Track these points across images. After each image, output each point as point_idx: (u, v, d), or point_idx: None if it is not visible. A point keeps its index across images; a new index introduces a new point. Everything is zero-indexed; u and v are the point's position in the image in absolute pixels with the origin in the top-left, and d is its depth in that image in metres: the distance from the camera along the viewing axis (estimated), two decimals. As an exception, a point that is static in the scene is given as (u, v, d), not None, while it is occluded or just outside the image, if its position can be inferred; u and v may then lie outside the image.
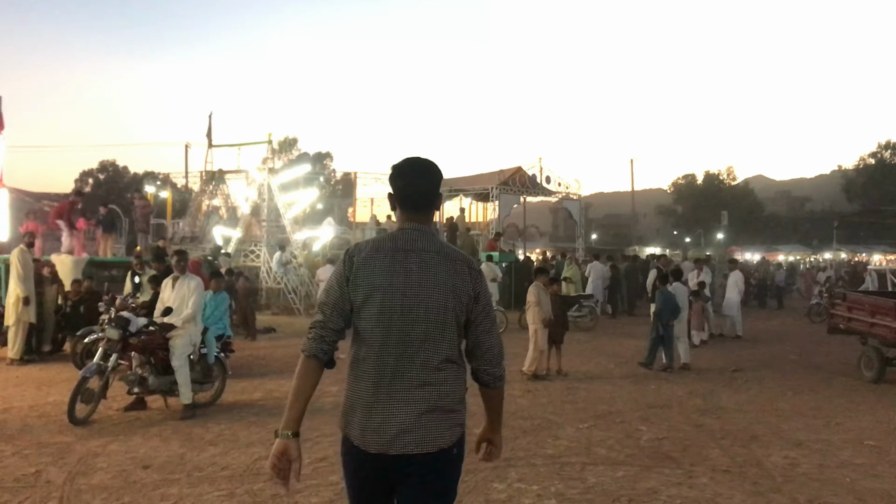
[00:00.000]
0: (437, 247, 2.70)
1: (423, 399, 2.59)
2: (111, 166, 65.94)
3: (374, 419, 2.59)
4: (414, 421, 2.57)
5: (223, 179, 24.32)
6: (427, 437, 2.58)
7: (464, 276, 2.68)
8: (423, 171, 2.76)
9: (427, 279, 2.62)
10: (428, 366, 2.61)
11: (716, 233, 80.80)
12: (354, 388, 2.67)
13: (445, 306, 2.62)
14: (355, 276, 2.63)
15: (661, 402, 9.22)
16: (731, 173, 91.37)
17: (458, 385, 2.70)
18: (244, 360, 12.28)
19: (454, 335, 2.67)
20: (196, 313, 8.08)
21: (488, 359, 2.77)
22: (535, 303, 10.60)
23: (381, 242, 2.71)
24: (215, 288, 9.33)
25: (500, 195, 24.28)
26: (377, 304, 2.60)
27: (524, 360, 12.16)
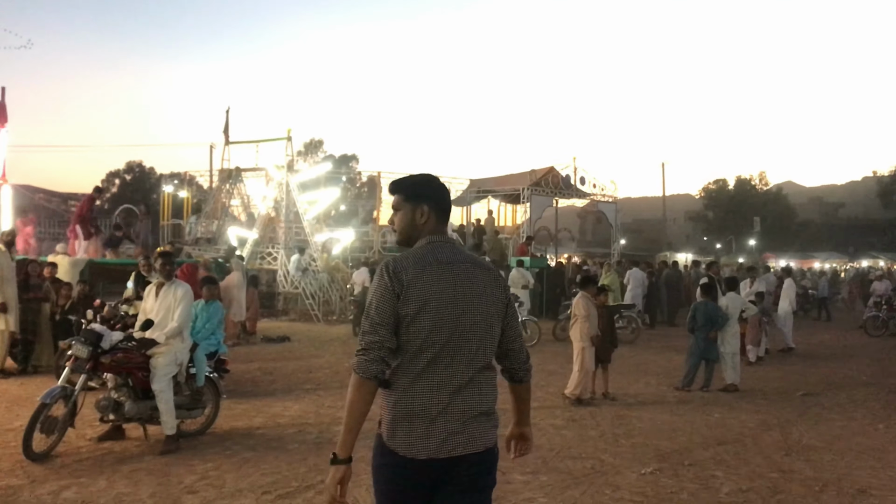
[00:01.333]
0: (469, 257, 2.88)
1: (473, 404, 2.70)
2: (137, 167, 65.65)
3: (423, 427, 2.65)
4: (463, 424, 2.67)
5: (241, 178, 23.16)
6: (474, 436, 2.69)
7: (499, 284, 2.87)
8: (445, 186, 3.02)
9: (472, 289, 2.75)
10: (476, 372, 2.73)
11: (747, 239, 79.09)
12: (403, 399, 2.69)
13: (488, 314, 2.77)
14: (406, 292, 2.67)
15: (731, 437, 7.79)
16: (763, 178, 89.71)
17: (496, 388, 2.83)
18: (249, 375, 11.02)
19: (494, 341, 2.82)
20: (183, 327, 6.81)
21: (522, 357, 2.96)
22: (585, 317, 9.20)
23: (422, 256, 2.77)
24: (207, 297, 8.03)
25: (531, 196, 22.87)
26: (431, 317, 2.67)
27: (560, 378, 10.81)
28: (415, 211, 2.86)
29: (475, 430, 2.70)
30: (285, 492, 5.63)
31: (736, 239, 77.81)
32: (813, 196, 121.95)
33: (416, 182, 2.93)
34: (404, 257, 2.77)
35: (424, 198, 2.86)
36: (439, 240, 2.83)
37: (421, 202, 2.86)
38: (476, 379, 2.73)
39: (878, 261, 57.46)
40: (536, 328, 15.25)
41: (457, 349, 2.70)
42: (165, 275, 6.90)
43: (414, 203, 2.87)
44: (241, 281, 14.23)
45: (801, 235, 79.48)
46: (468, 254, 2.90)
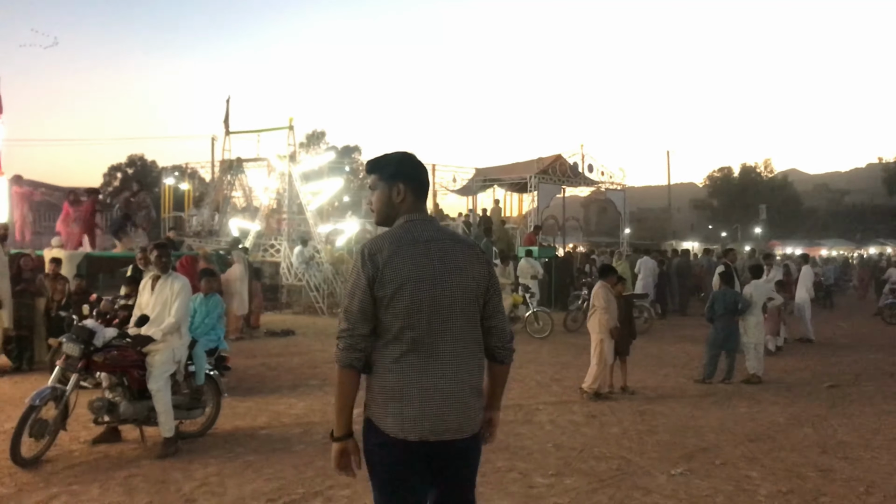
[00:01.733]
0: (449, 234, 2.85)
1: (460, 384, 2.67)
2: (139, 160, 65.20)
3: (414, 408, 2.62)
4: (454, 406, 2.65)
5: (242, 168, 22.70)
6: (466, 422, 2.68)
7: (480, 260, 2.82)
8: (419, 161, 2.91)
9: (451, 266, 2.71)
10: (460, 350, 2.69)
11: (753, 227, 78.61)
12: (390, 380, 2.66)
13: (469, 290, 2.73)
14: (382, 274, 2.63)
15: (761, 433, 7.37)
16: (768, 166, 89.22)
17: (482, 368, 2.81)
18: (252, 370, 10.62)
19: (478, 318, 2.78)
20: (180, 322, 6.39)
21: (503, 335, 2.88)
22: (604, 308, 8.75)
23: (399, 236, 2.72)
24: (206, 290, 7.59)
25: (538, 185, 22.39)
26: (407, 297, 2.63)
27: (575, 371, 10.41)
28: (391, 189, 2.81)
29: (466, 414, 2.69)
30: (291, 499, 5.24)
31: (742, 227, 77.45)
32: (818, 183, 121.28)
33: (392, 160, 2.87)
34: (380, 237, 2.74)
35: (400, 175, 2.82)
36: (418, 217, 2.79)
37: (396, 180, 2.81)
38: (463, 356, 2.71)
39: (886, 247, 56.97)
40: (549, 319, 14.83)
41: (439, 327, 2.67)
42: (161, 267, 6.48)
43: (390, 182, 2.82)
44: (243, 274, 13.83)
45: (807, 223, 79.07)
46: (448, 231, 2.88)
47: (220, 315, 7.40)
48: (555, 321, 15.00)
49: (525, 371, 10.74)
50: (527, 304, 15.12)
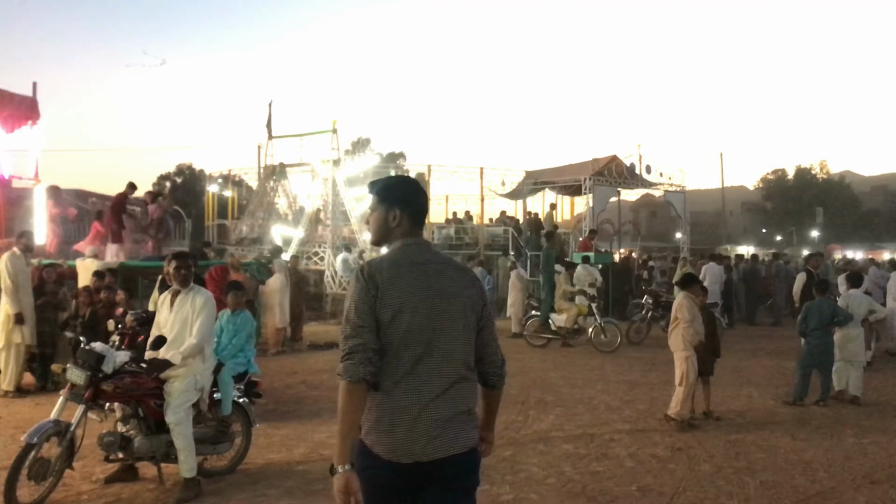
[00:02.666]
0: (444, 258, 2.91)
1: (452, 405, 2.68)
2: (188, 169, 65.48)
3: (406, 431, 2.62)
4: (443, 426, 2.64)
5: (285, 174, 22.05)
6: (457, 437, 2.67)
7: (474, 285, 2.87)
8: (419, 186, 3.01)
9: (447, 290, 2.75)
10: (455, 373, 2.71)
11: (809, 230, 76.21)
12: (384, 403, 2.66)
13: (466, 315, 2.77)
14: (382, 295, 2.66)
15: (883, 472, 6.23)
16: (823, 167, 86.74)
17: (475, 390, 2.83)
18: (291, 390, 9.77)
19: (472, 341, 2.80)
20: (203, 343, 5.54)
21: (497, 362, 2.91)
22: (689, 321, 7.67)
23: (396, 259, 2.77)
24: (234, 305, 6.73)
25: (594, 187, 21.27)
26: (406, 320, 2.66)
27: (645, 391, 9.34)
28: (387, 213, 2.85)
29: (457, 431, 2.68)
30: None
31: (797, 230, 75.14)
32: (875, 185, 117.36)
33: (389, 185, 2.94)
34: (379, 260, 2.78)
35: (396, 201, 2.85)
36: (413, 241, 2.83)
37: (393, 205, 2.84)
38: (457, 380, 2.72)
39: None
40: (617, 332, 13.75)
41: (435, 350, 2.68)
42: (181, 280, 5.62)
43: (386, 206, 2.85)
44: (283, 284, 13.04)
45: (867, 226, 76.57)
46: (443, 255, 2.95)
47: (251, 334, 6.51)
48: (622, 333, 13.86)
49: (590, 392, 9.71)
50: (593, 315, 14.00)
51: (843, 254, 49.71)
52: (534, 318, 14.27)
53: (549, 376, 10.94)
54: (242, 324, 6.43)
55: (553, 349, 13.95)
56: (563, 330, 13.72)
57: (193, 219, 33.58)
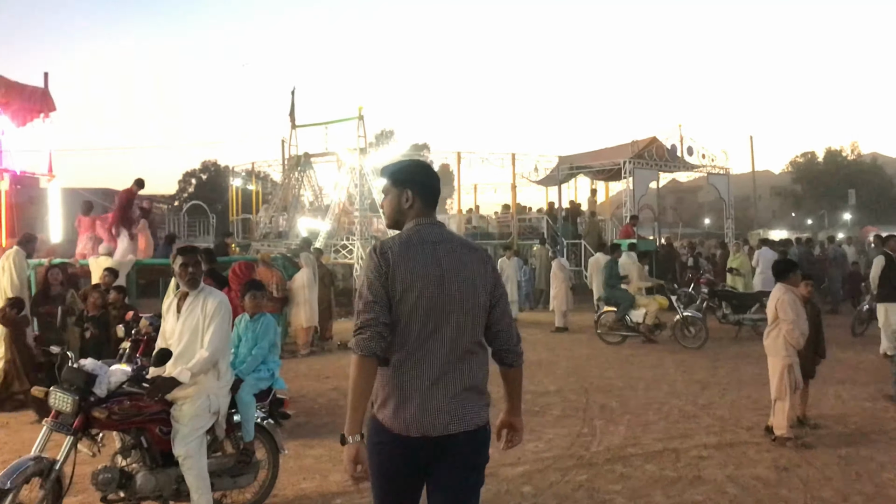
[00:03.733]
0: (456, 238, 2.96)
1: (460, 380, 2.73)
2: (213, 166, 65.01)
3: (416, 405, 2.68)
4: (453, 402, 2.70)
5: (310, 164, 21.10)
6: (466, 416, 2.72)
7: (486, 264, 2.90)
8: (431, 168, 3.12)
9: (458, 269, 2.79)
10: (464, 350, 2.76)
11: (842, 213, 74.51)
12: (394, 377, 2.72)
13: (476, 292, 2.80)
14: (393, 272, 2.71)
15: None
16: (854, 149, 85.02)
17: (485, 367, 2.84)
18: (323, 397, 8.79)
19: (482, 319, 2.83)
20: (217, 356, 4.54)
21: (510, 339, 2.91)
22: (793, 321, 6.44)
23: (407, 238, 2.82)
24: (253, 309, 5.63)
25: (634, 170, 20.08)
26: (415, 296, 2.70)
27: (716, 391, 8.23)
28: (400, 196, 2.90)
29: (467, 408, 2.73)
30: None
31: (828, 213, 73.54)
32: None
33: (402, 168, 3.00)
34: (391, 239, 2.84)
35: (409, 183, 2.90)
36: (426, 222, 2.88)
37: (405, 187, 2.90)
38: (465, 357, 2.76)
39: None
40: (703, 326, 12.40)
41: (444, 327, 2.73)
42: (189, 280, 4.62)
43: (399, 188, 2.91)
44: (311, 279, 12.05)
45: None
46: (456, 235, 3.01)
47: (274, 343, 5.47)
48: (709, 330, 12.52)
49: (657, 395, 8.63)
50: (675, 308, 12.72)
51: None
52: (606, 313, 13.07)
53: (606, 376, 9.88)
54: (264, 330, 5.39)
55: (598, 343, 12.88)
56: (644, 326, 12.54)
57: (218, 214, 32.99)
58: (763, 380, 9.41)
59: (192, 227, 31.17)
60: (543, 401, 8.36)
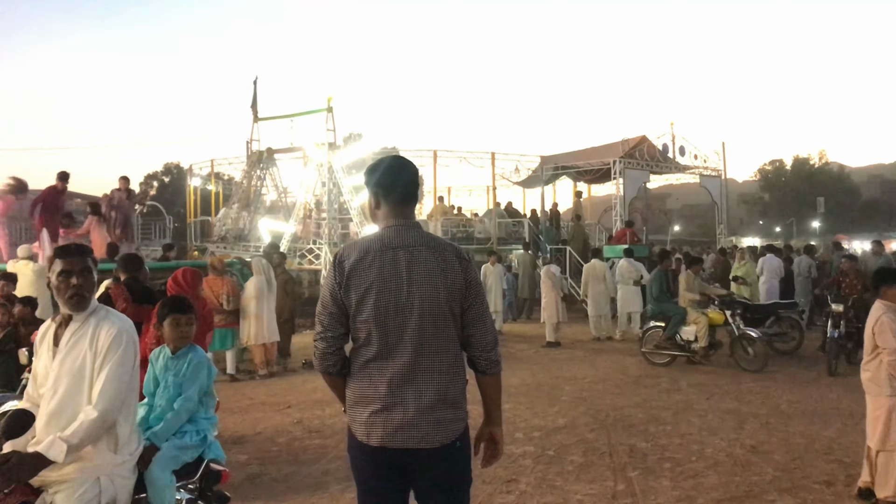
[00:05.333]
0: (424, 240, 2.75)
1: (425, 393, 2.63)
2: (175, 168, 63.04)
3: (376, 414, 2.63)
4: (415, 416, 2.61)
5: (273, 161, 19.36)
6: (430, 432, 2.61)
7: (454, 265, 2.72)
8: (403, 165, 2.85)
9: (418, 273, 2.66)
10: (427, 359, 2.65)
11: (810, 221, 74.80)
12: (357, 387, 2.70)
13: (438, 297, 2.66)
14: (347, 281, 2.66)
15: None
16: (823, 157, 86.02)
17: (457, 378, 2.72)
18: (285, 436, 7.13)
19: (450, 326, 2.71)
20: (114, 414, 2.93)
21: (483, 345, 2.77)
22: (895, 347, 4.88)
23: (369, 243, 2.72)
24: (177, 339, 3.78)
25: (624, 171, 18.67)
26: (371, 304, 2.63)
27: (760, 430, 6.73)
28: (370, 197, 2.83)
29: (432, 425, 2.62)
30: None
31: (797, 221, 73.84)
32: (873, 174, 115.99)
33: (370, 169, 2.86)
34: (351, 244, 2.79)
35: (374, 184, 2.80)
36: (395, 224, 2.74)
37: (371, 188, 2.81)
38: (432, 366, 2.66)
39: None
40: (764, 346, 10.62)
41: (405, 334, 2.64)
42: (72, 299, 3.00)
43: (370, 190, 2.82)
44: (263, 289, 10.31)
45: (871, 216, 75.55)
46: (427, 236, 2.79)
47: (206, 389, 3.77)
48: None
49: (688, 430, 7.12)
50: (732, 325, 10.88)
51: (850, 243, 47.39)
52: (654, 329, 11.33)
53: (620, 405, 8.36)
54: (192, 372, 3.64)
55: (599, 362, 11.41)
56: (696, 345, 10.84)
57: (175, 216, 31.03)
58: (805, 410, 8.03)
59: (147, 230, 29.24)
60: (556, 441, 6.79)
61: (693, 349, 10.83)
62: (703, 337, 10.66)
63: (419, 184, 2.96)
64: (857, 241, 53.26)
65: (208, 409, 3.72)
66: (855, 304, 10.68)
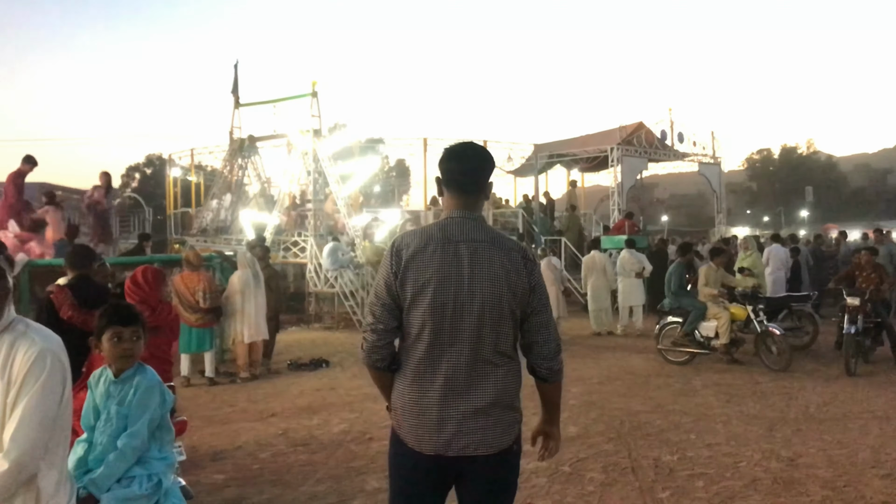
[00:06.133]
0: (489, 236, 2.60)
1: (480, 396, 2.50)
2: (157, 159, 62.11)
3: (430, 420, 2.49)
4: (471, 420, 2.48)
5: (255, 149, 18.51)
6: (486, 438, 2.49)
7: (518, 267, 2.56)
8: (474, 152, 2.68)
9: (480, 271, 2.52)
10: (486, 361, 2.52)
11: (798, 210, 74.91)
12: (407, 389, 2.55)
13: (500, 299, 2.52)
14: (404, 272, 2.52)
15: None
16: (810, 146, 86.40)
17: (513, 380, 2.60)
18: (268, 450, 6.37)
19: (509, 329, 2.57)
20: (32, 464, 2.19)
21: (545, 353, 2.63)
22: None
23: (430, 233, 2.58)
24: (120, 360, 2.93)
25: (622, 158, 17.97)
26: (428, 300, 2.49)
27: (785, 432, 6.06)
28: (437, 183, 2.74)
29: (488, 428, 2.50)
30: None
31: (786, 210, 73.94)
32: (858, 163, 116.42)
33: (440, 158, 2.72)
34: (411, 233, 2.64)
35: (441, 170, 2.67)
36: (458, 216, 2.61)
37: (439, 177, 2.68)
38: (488, 369, 2.52)
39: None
40: (786, 344, 9.85)
41: (462, 335, 2.49)
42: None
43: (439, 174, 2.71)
44: (249, 283, 9.56)
45: (859, 204, 75.80)
46: (493, 232, 2.63)
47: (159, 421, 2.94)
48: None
49: (715, 440, 6.45)
50: (755, 322, 10.05)
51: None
52: (671, 325, 10.54)
53: (634, 409, 7.68)
54: (141, 400, 2.81)
55: (603, 359, 10.75)
56: (717, 342, 10.11)
57: (156, 208, 30.11)
58: (837, 414, 7.38)
59: (126, 223, 28.36)
60: (571, 453, 6.08)
61: (713, 346, 10.12)
62: (724, 333, 9.94)
63: (488, 174, 2.63)
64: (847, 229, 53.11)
65: (163, 445, 2.94)
66: (872, 297, 10.07)
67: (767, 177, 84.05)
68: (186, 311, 9.04)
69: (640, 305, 13.95)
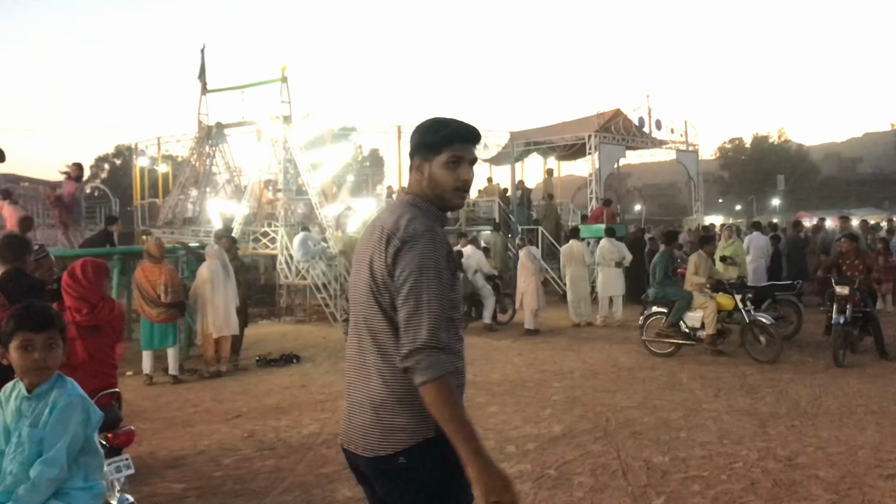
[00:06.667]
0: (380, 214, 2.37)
1: (360, 390, 2.25)
2: (127, 150, 61.02)
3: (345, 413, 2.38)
4: (357, 417, 2.25)
5: (223, 136, 17.93)
6: (364, 440, 2.21)
7: (379, 244, 2.19)
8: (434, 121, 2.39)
9: (360, 255, 2.29)
10: (365, 355, 2.25)
11: (770, 199, 75.52)
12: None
13: (364, 284, 2.24)
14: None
15: None
16: (782, 135, 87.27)
17: (389, 381, 2.17)
18: (232, 454, 5.92)
19: (376, 313, 2.20)
20: None
21: (407, 342, 2.09)
22: None
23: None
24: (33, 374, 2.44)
25: (600, 145, 17.63)
26: None
27: (778, 428, 5.74)
28: None
29: (366, 431, 2.19)
30: None
31: (757, 199, 74.46)
32: (829, 152, 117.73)
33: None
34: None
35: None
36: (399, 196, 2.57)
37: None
38: (366, 361, 2.23)
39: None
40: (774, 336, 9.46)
41: (354, 323, 2.32)
42: None
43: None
44: (218, 274, 9.10)
45: (831, 193, 76.64)
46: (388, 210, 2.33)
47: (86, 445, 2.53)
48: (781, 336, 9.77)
49: (709, 439, 6.12)
50: (741, 311, 9.69)
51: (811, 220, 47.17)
52: (655, 315, 10.15)
53: (621, 405, 7.34)
54: (57, 421, 2.33)
55: (584, 351, 10.41)
56: (703, 333, 9.76)
57: (124, 199, 29.36)
58: (830, 409, 7.09)
59: (91, 213, 27.63)
60: (556, 455, 5.71)
61: (699, 337, 9.79)
62: (710, 324, 9.60)
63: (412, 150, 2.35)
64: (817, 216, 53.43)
65: (89, 473, 2.48)
66: (861, 286, 9.80)
67: (739, 165, 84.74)
68: (148, 305, 8.58)
69: (619, 295, 13.64)
